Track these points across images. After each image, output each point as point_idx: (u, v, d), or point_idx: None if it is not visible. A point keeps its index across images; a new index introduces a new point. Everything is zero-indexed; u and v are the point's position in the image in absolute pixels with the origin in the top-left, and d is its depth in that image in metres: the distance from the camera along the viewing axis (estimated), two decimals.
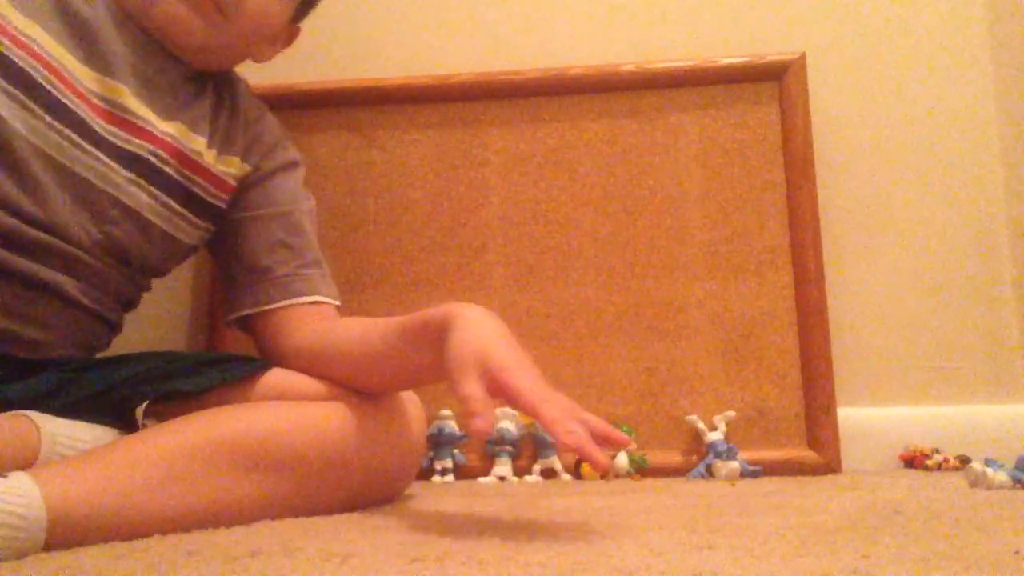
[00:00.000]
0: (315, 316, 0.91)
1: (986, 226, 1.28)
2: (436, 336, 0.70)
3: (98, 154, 0.82)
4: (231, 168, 0.93)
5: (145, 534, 0.65)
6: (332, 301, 0.94)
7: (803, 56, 1.28)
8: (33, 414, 0.71)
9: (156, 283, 0.96)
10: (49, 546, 0.59)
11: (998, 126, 1.29)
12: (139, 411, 0.80)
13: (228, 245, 0.95)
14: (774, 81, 1.28)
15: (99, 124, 0.82)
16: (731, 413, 1.18)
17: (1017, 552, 0.53)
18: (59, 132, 0.79)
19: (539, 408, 0.61)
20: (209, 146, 0.91)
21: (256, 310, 0.92)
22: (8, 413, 0.71)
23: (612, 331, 1.25)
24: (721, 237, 1.26)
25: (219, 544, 0.61)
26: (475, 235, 1.29)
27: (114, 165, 0.83)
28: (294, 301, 0.91)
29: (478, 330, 0.69)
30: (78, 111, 0.81)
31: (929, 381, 1.26)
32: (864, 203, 1.30)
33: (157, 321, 1.30)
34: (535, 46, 1.35)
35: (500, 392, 0.63)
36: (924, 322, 1.27)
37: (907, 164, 1.30)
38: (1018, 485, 0.90)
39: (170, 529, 0.67)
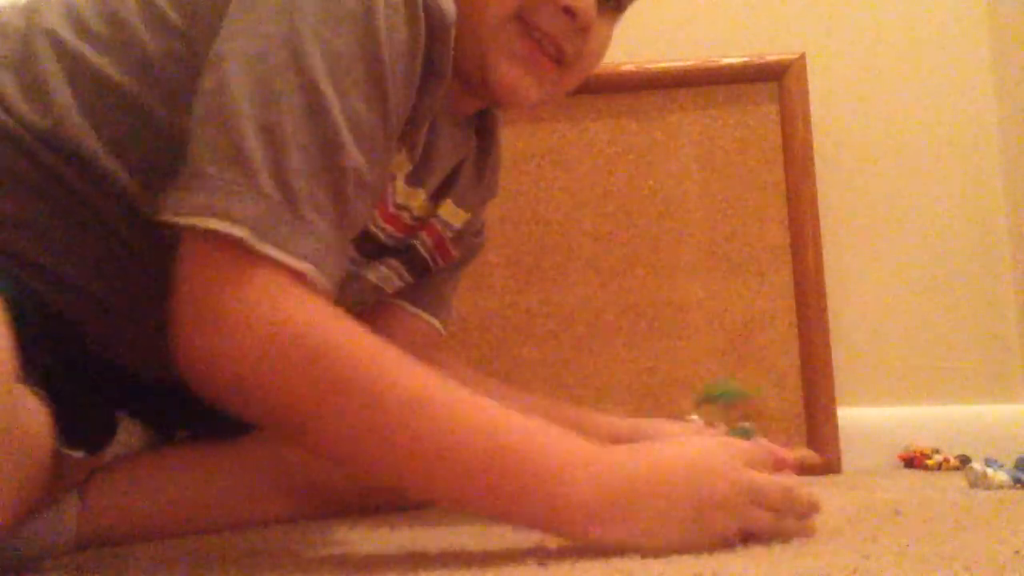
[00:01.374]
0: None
1: (986, 226, 1.28)
2: None
3: (378, 266, 0.76)
4: (458, 223, 0.84)
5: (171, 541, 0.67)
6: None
7: (803, 56, 1.28)
8: None
9: None
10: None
11: (998, 126, 1.29)
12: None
13: None
14: (774, 81, 1.28)
15: (388, 235, 0.74)
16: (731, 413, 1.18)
17: (1017, 552, 0.53)
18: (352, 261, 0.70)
19: None
20: (465, 212, 0.83)
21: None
22: None
23: (612, 331, 1.25)
24: (721, 237, 1.26)
25: (219, 544, 0.61)
26: None
27: (393, 263, 0.77)
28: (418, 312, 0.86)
29: None
30: (378, 235, 0.73)
31: (929, 381, 1.26)
32: (864, 203, 1.29)
33: None
34: None
35: None
36: (924, 322, 1.27)
37: (907, 164, 1.30)
38: (1018, 485, 0.90)
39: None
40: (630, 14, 1.34)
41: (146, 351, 0.63)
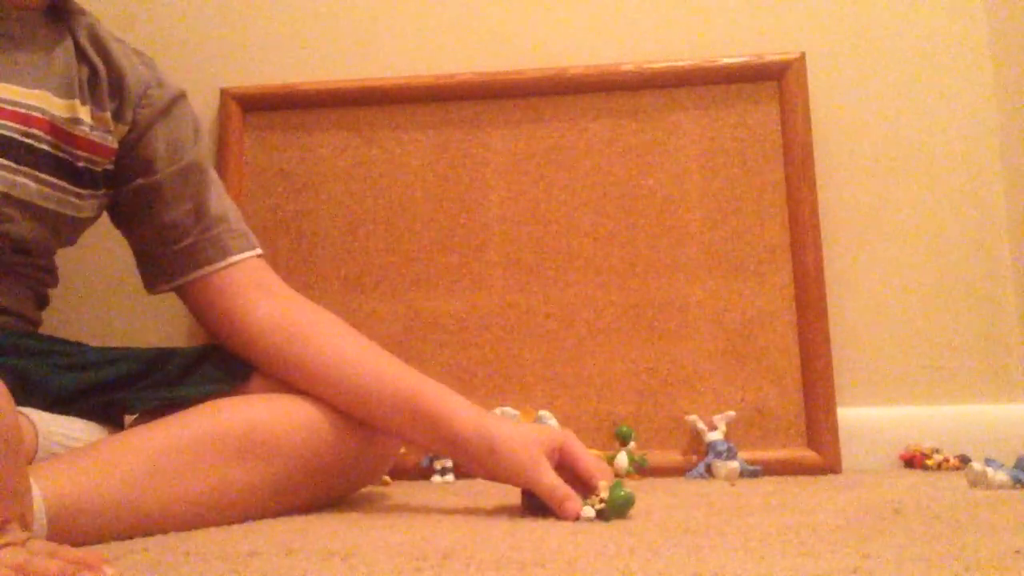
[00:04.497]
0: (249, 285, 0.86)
1: (986, 226, 1.28)
2: (470, 452, 0.77)
3: None
4: (107, 126, 0.85)
5: (144, 525, 0.67)
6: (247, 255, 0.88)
7: (803, 56, 1.28)
8: (28, 410, 0.72)
9: None
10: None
11: (998, 126, 1.29)
12: (128, 420, 0.81)
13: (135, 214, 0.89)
14: (774, 81, 1.28)
15: None
16: (731, 413, 1.18)
17: (1017, 552, 0.53)
18: None
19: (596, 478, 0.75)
20: (83, 104, 0.83)
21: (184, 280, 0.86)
22: None
23: (612, 331, 1.25)
24: (721, 237, 1.26)
25: (219, 544, 0.61)
26: (475, 235, 1.29)
27: None
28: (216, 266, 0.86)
29: (524, 436, 0.77)
30: None
31: (929, 381, 1.26)
32: (864, 203, 1.29)
33: (157, 320, 1.30)
34: (535, 46, 1.35)
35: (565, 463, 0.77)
36: (924, 322, 1.27)
37: (907, 164, 1.30)
38: (1018, 485, 0.90)
39: (167, 519, 0.69)
40: (630, 13, 1.34)
41: None
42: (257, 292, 0.86)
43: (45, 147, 0.81)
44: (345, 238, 1.30)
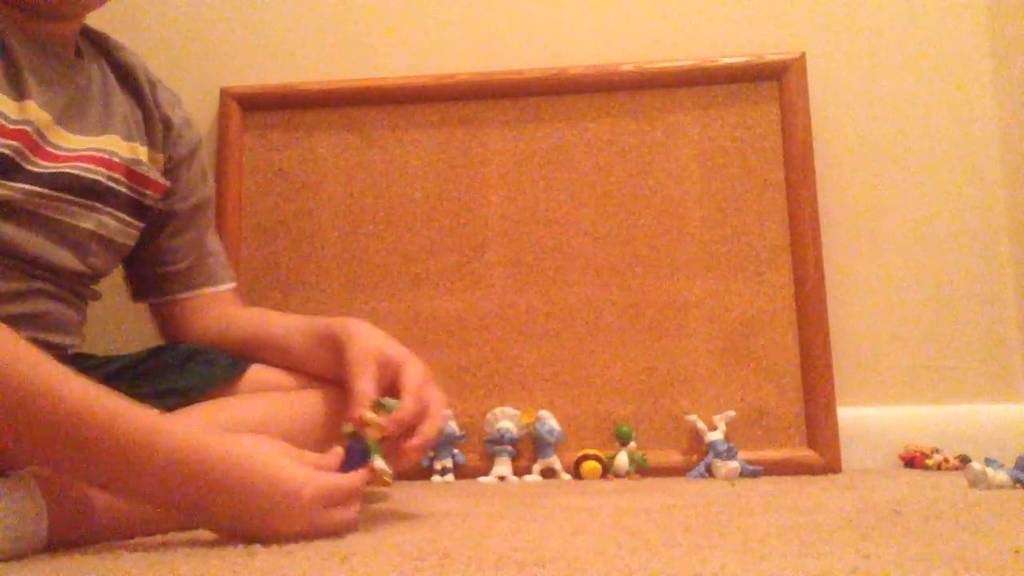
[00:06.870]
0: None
1: (986, 226, 1.28)
2: (334, 345, 0.81)
3: (68, 196, 0.80)
4: (159, 164, 0.92)
5: (144, 524, 0.66)
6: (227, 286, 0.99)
7: (803, 56, 1.28)
8: None
9: None
10: (52, 543, 0.60)
11: (998, 126, 1.29)
12: None
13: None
14: (774, 81, 1.28)
15: (58, 167, 0.78)
16: (731, 413, 1.18)
17: (1017, 552, 0.53)
18: (35, 193, 0.77)
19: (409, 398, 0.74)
20: (142, 146, 0.89)
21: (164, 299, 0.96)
22: None
23: (612, 331, 1.25)
24: (721, 237, 1.26)
25: (219, 544, 0.61)
26: (475, 235, 1.29)
27: (84, 201, 0.81)
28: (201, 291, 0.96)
29: (370, 338, 0.79)
30: (43, 170, 0.77)
31: (929, 381, 1.26)
32: (864, 203, 1.30)
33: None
34: (535, 46, 1.35)
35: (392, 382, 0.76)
36: (924, 322, 1.27)
37: (907, 164, 1.30)
38: (1018, 485, 0.90)
39: (167, 518, 0.68)
40: (630, 13, 1.33)
41: None
42: (221, 315, 0.95)
43: (123, 188, 0.86)
44: (345, 238, 1.30)
